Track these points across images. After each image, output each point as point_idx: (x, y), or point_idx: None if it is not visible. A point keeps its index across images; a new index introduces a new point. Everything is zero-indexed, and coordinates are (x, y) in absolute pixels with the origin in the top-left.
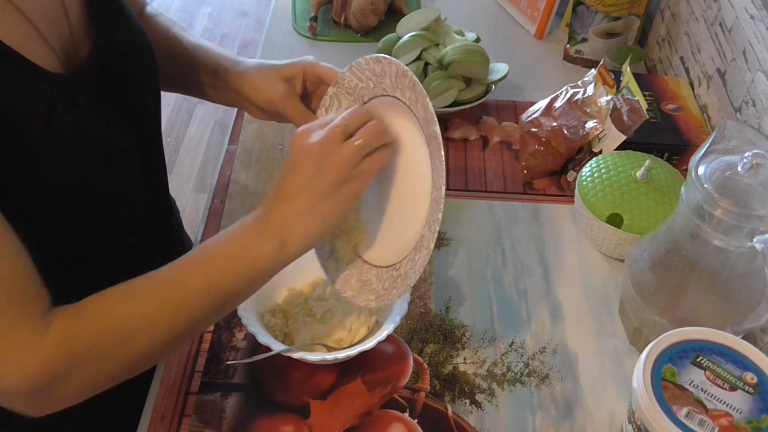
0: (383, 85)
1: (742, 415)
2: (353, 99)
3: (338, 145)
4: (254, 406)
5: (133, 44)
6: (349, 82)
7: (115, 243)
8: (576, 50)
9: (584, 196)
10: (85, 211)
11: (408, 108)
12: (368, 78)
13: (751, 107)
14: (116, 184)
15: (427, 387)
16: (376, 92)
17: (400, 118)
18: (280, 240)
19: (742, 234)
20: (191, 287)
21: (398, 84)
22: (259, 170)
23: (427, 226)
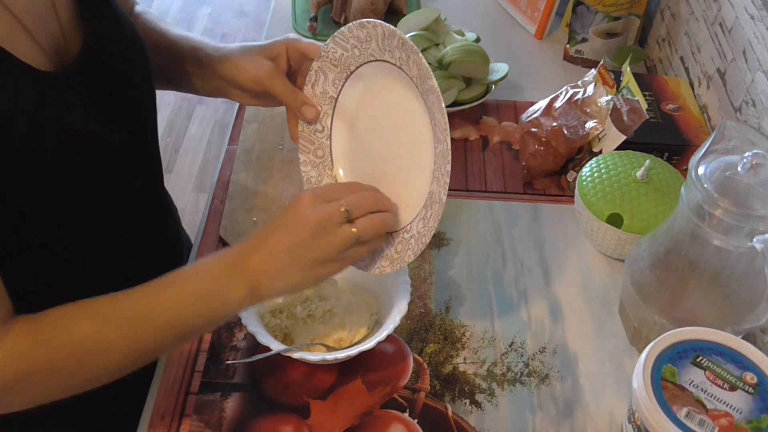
0: (370, 50)
1: (742, 415)
2: (339, 70)
3: (336, 227)
4: (254, 406)
5: (124, 42)
6: (333, 54)
7: (109, 240)
8: (576, 50)
9: (584, 196)
10: (76, 207)
11: (399, 69)
12: (353, 46)
13: (751, 107)
14: (108, 181)
15: (427, 387)
16: (363, 59)
17: (390, 81)
18: (252, 288)
19: (742, 234)
20: (155, 320)
21: (386, 46)
22: (259, 170)
23: (435, 181)
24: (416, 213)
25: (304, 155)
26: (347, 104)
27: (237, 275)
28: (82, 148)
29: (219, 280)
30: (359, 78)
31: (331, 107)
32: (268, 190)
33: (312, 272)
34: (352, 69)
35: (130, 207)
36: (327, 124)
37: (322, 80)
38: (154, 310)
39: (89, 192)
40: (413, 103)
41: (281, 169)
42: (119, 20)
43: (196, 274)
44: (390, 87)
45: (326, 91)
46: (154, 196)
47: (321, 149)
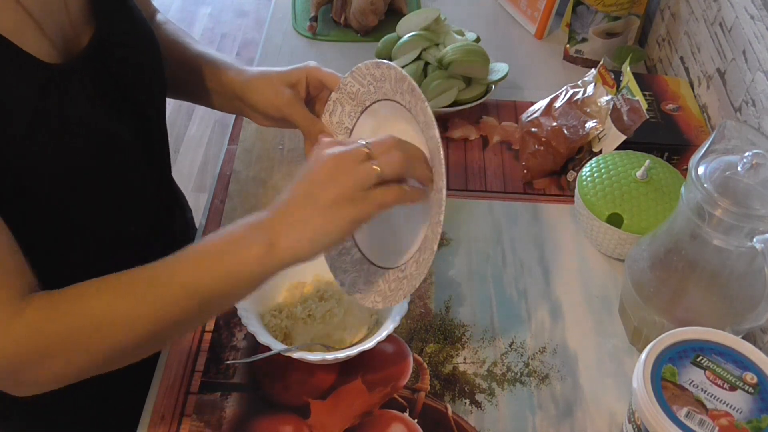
0: (384, 89)
1: (742, 414)
2: (356, 104)
3: (356, 163)
4: (254, 406)
5: (134, 36)
6: (351, 87)
7: (115, 230)
8: (576, 50)
9: (584, 195)
10: (81, 198)
11: (408, 111)
12: (369, 83)
13: (751, 107)
14: (113, 173)
15: (427, 387)
16: (378, 96)
17: (401, 121)
18: (270, 244)
19: (742, 234)
20: (172, 285)
21: (398, 88)
22: (259, 170)
23: (429, 227)
24: (412, 254)
25: None
26: (360, 136)
27: (253, 233)
28: (85, 140)
29: (233, 239)
30: (373, 114)
31: (346, 137)
32: (268, 189)
33: (333, 214)
34: (367, 104)
35: (137, 199)
36: None
37: (339, 111)
38: (170, 275)
39: (94, 183)
40: (420, 145)
41: (281, 169)
42: (130, 14)
43: (212, 237)
44: (399, 125)
45: (342, 121)
46: (161, 188)
47: None
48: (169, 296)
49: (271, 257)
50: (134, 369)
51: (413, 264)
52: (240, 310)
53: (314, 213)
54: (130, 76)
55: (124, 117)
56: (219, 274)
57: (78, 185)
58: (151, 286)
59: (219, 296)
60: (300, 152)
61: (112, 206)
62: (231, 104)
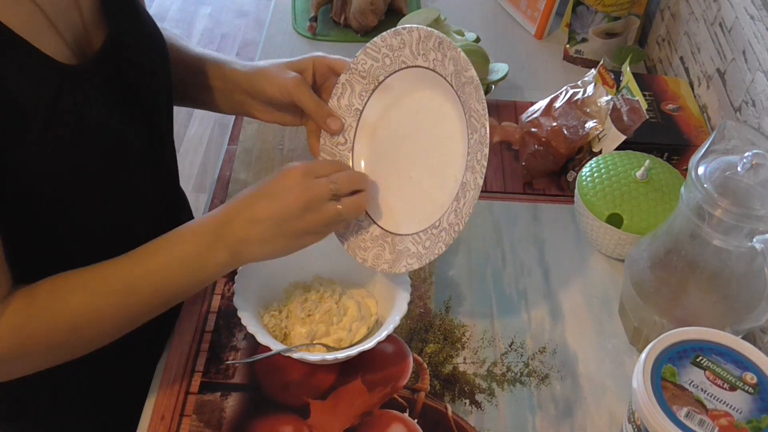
0: (402, 57)
1: (742, 415)
2: (367, 82)
3: (324, 203)
4: (254, 406)
5: (145, 37)
6: (363, 65)
7: (123, 232)
8: (576, 50)
9: (584, 196)
10: (89, 198)
11: (432, 71)
12: (384, 55)
13: (750, 107)
14: (122, 174)
15: (427, 387)
16: (393, 68)
17: (420, 89)
18: (233, 253)
19: (742, 234)
20: (143, 288)
21: (420, 49)
22: (259, 170)
23: (469, 170)
24: (445, 208)
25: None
26: (371, 116)
27: (219, 241)
28: (98, 141)
29: (201, 245)
30: (386, 89)
31: (355, 120)
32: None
33: (294, 241)
34: (381, 79)
35: (144, 201)
36: (350, 137)
37: (348, 93)
38: (141, 278)
39: (103, 184)
40: (442, 103)
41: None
42: (141, 16)
43: (180, 240)
44: (418, 93)
45: (351, 103)
46: (168, 191)
47: (342, 161)
48: (138, 299)
49: (233, 264)
50: (134, 369)
51: (450, 215)
52: (240, 311)
53: (278, 239)
54: (140, 79)
55: (134, 120)
56: (187, 279)
57: (88, 185)
58: (122, 291)
59: (183, 295)
60: (300, 152)
61: (119, 207)
62: (234, 100)
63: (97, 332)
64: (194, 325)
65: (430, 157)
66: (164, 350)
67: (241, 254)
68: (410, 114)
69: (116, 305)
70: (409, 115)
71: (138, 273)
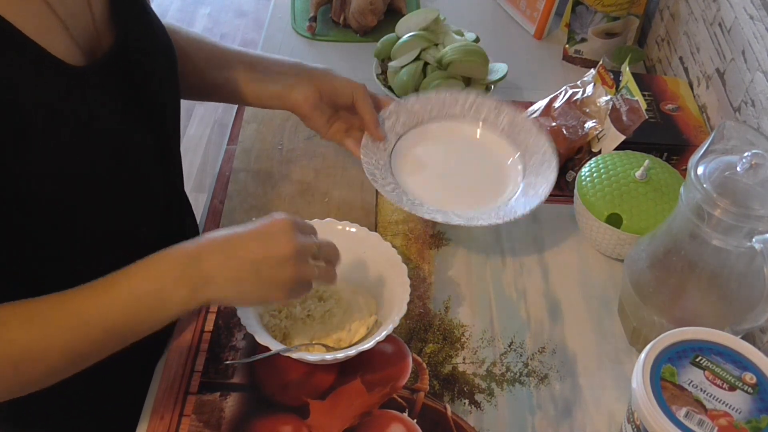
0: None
1: (742, 415)
2: (412, 117)
3: (306, 262)
4: (253, 406)
5: (153, 39)
6: (413, 105)
7: (126, 235)
8: (575, 50)
9: (583, 196)
10: (92, 201)
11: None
12: (433, 107)
13: (750, 107)
14: (126, 177)
15: (427, 387)
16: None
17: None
18: (196, 290)
19: (741, 234)
20: (94, 326)
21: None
22: (258, 170)
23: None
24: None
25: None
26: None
27: (184, 276)
28: (104, 143)
29: (163, 280)
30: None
31: (394, 138)
32: (268, 190)
33: (262, 289)
34: (425, 120)
35: (148, 204)
36: (389, 146)
37: (393, 120)
38: (93, 316)
39: (107, 186)
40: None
41: (280, 169)
42: (150, 21)
43: (139, 274)
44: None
45: (394, 127)
46: (172, 196)
47: (382, 160)
48: (88, 337)
49: (194, 302)
50: (133, 369)
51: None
52: (239, 310)
53: (250, 280)
54: (147, 83)
55: (140, 123)
56: (141, 319)
57: (92, 187)
58: (71, 327)
59: (137, 334)
60: (299, 152)
61: (122, 210)
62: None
63: (44, 369)
64: (193, 325)
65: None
66: (164, 350)
67: (205, 291)
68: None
69: (64, 343)
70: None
71: (89, 311)
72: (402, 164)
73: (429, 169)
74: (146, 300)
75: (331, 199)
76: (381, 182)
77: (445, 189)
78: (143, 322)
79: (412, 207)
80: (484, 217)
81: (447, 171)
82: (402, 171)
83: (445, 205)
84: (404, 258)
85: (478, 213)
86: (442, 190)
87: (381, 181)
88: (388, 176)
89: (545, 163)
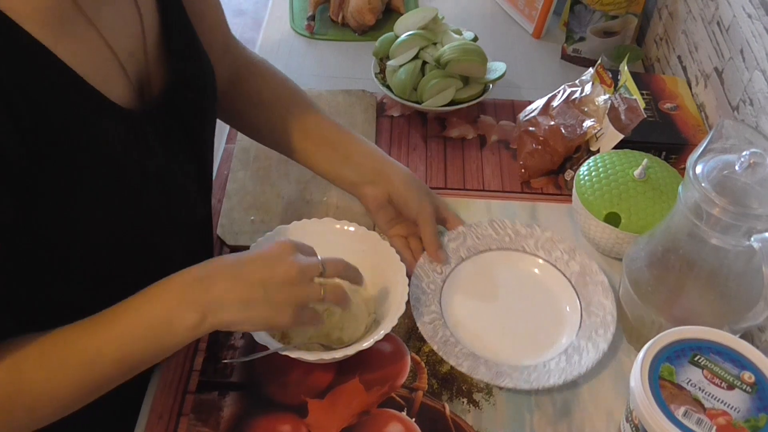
0: (523, 243)
1: (740, 414)
2: (480, 242)
3: (310, 279)
4: (252, 405)
5: (202, 77)
6: (484, 230)
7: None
8: (574, 49)
9: (582, 195)
10: (139, 231)
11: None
12: (506, 234)
13: (748, 106)
14: (174, 206)
15: (425, 386)
16: (509, 246)
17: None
18: (205, 314)
19: (740, 233)
20: (104, 361)
21: (547, 245)
22: (257, 169)
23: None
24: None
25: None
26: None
27: (193, 301)
28: (153, 183)
29: (171, 306)
30: (494, 255)
31: (456, 261)
32: (266, 189)
33: (272, 312)
34: (492, 248)
35: (184, 224)
36: (446, 270)
37: (460, 241)
38: (103, 350)
39: (152, 218)
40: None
41: (279, 168)
42: (199, 52)
43: (145, 303)
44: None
45: (458, 249)
46: (206, 215)
47: (434, 284)
48: (99, 371)
49: (203, 327)
50: None
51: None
52: None
53: (262, 303)
54: (195, 119)
55: (187, 157)
56: (151, 347)
57: (139, 220)
58: (82, 365)
59: (147, 362)
60: None
61: (165, 237)
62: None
63: (54, 409)
64: None
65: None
66: None
67: (215, 315)
68: (511, 277)
69: (75, 380)
70: (510, 277)
71: (99, 345)
72: (454, 291)
73: (481, 302)
74: (154, 329)
75: (329, 198)
76: (421, 310)
77: (490, 328)
78: (154, 350)
79: (442, 346)
80: (511, 379)
81: (499, 308)
82: (452, 298)
83: (482, 348)
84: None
85: (508, 369)
86: (486, 329)
87: (422, 309)
88: (433, 304)
89: (601, 329)
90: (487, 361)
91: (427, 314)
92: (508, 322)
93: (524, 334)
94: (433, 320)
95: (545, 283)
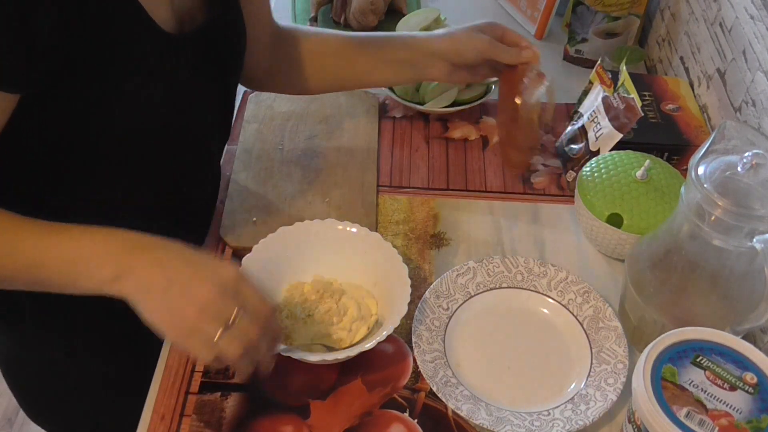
0: (536, 282)
1: (742, 415)
2: (490, 280)
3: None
4: (254, 406)
5: (237, 25)
6: (495, 266)
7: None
8: (576, 50)
9: (584, 196)
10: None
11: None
12: (518, 272)
13: (750, 107)
14: (194, 136)
15: (427, 387)
16: (521, 285)
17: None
18: (118, 275)
19: (742, 234)
20: (19, 257)
21: (554, 287)
22: (259, 170)
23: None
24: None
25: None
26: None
27: (116, 255)
28: (185, 99)
29: (97, 251)
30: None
31: (464, 298)
32: (268, 190)
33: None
34: (503, 286)
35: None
36: (452, 307)
37: (469, 277)
38: (23, 250)
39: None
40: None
41: (281, 169)
42: (237, 8)
43: (86, 234)
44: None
45: (467, 285)
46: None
47: (438, 320)
48: (10, 265)
49: (113, 289)
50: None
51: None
52: None
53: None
54: (224, 59)
55: (213, 92)
56: (65, 275)
57: (161, 140)
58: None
59: (54, 285)
60: (299, 152)
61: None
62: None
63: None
64: None
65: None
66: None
67: (123, 283)
68: (520, 317)
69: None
70: (519, 317)
71: (24, 243)
72: (459, 329)
73: (487, 342)
74: (77, 260)
75: (332, 199)
76: (423, 347)
77: (494, 370)
78: (63, 276)
79: (442, 387)
80: (512, 426)
81: (505, 349)
82: (457, 337)
83: (484, 390)
84: (405, 258)
85: (509, 415)
86: (490, 370)
87: (424, 346)
88: (436, 342)
89: (612, 378)
90: (488, 405)
91: (429, 352)
92: (514, 364)
93: (530, 377)
94: (435, 359)
95: (555, 326)
